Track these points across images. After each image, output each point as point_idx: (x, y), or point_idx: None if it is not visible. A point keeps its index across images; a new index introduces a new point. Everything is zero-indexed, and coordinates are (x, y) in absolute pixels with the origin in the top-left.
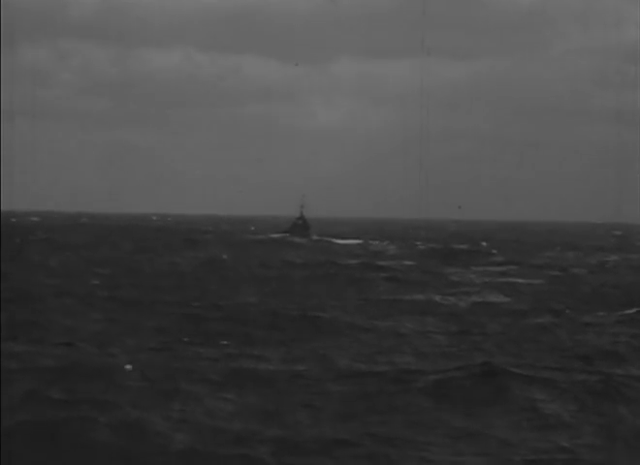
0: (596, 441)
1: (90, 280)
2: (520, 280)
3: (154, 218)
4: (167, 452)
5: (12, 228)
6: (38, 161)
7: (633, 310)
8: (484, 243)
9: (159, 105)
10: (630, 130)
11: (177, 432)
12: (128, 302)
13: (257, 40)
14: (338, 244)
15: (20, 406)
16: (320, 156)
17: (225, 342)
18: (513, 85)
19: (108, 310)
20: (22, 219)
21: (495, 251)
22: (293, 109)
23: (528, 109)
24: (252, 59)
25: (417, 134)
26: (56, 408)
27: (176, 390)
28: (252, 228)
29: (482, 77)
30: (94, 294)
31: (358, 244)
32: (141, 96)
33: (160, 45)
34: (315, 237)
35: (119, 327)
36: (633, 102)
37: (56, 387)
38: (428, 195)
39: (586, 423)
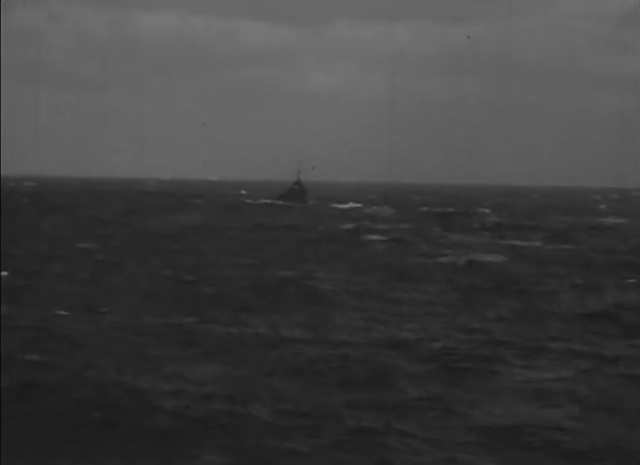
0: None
1: (78, 244)
2: (517, 242)
3: (150, 183)
4: (152, 414)
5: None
6: (30, 125)
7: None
8: (486, 210)
9: (152, 68)
10: (628, 94)
11: (164, 395)
12: (115, 266)
13: (251, 3)
14: (337, 208)
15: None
16: (315, 119)
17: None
18: (510, 49)
19: (95, 274)
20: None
21: (491, 214)
22: (288, 73)
23: (524, 73)
24: (247, 22)
25: (412, 98)
26: (37, 370)
27: (161, 356)
28: (243, 191)
29: (478, 40)
30: (80, 259)
31: (356, 208)
32: (133, 59)
33: (153, 8)
34: (312, 202)
35: (104, 292)
36: (632, 66)
37: (36, 350)
38: (423, 159)
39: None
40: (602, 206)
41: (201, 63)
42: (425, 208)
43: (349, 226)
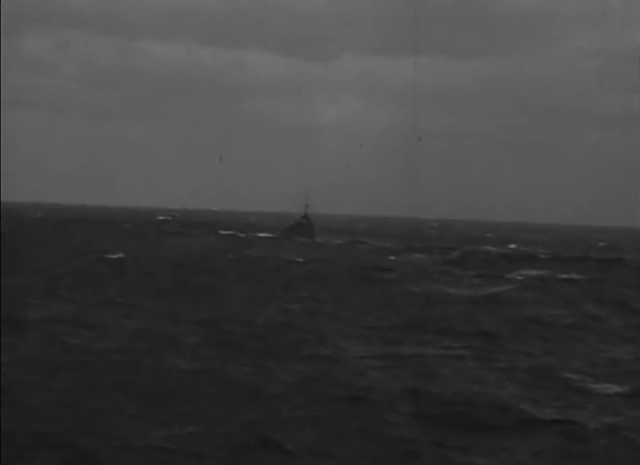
0: None
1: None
2: None
3: (166, 217)
4: None
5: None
6: (36, 152)
7: None
8: (512, 245)
9: (160, 97)
10: (635, 133)
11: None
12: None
13: (260, 34)
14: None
15: None
16: (322, 153)
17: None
18: (517, 85)
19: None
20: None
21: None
22: (295, 105)
23: (531, 110)
24: (255, 54)
25: (420, 132)
26: None
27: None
28: (251, 218)
29: (486, 76)
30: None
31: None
32: (142, 88)
33: (162, 37)
34: (320, 238)
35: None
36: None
37: None
38: (429, 195)
39: None
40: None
41: (208, 93)
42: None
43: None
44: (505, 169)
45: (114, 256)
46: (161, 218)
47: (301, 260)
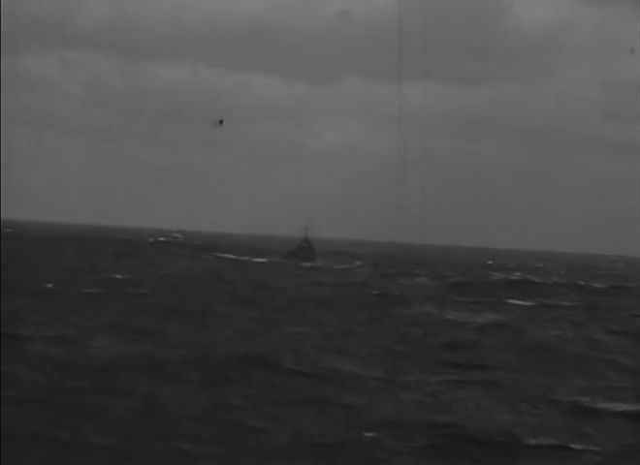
0: None
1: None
2: None
3: (162, 238)
4: None
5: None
6: (39, 171)
7: None
8: (517, 273)
9: (164, 119)
10: (634, 162)
11: None
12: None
13: (265, 57)
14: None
15: None
16: (325, 176)
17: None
18: (519, 113)
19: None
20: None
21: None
22: (299, 129)
23: (533, 137)
24: (260, 77)
25: (422, 157)
26: None
27: None
28: (253, 241)
29: (489, 103)
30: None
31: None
32: (146, 110)
33: (168, 58)
34: (320, 261)
35: None
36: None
37: None
38: (430, 220)
39: None
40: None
41: (212, 115)
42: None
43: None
44: (507, 195)
45: (115, 276)
46: (162, 239)
47: (303, 283)
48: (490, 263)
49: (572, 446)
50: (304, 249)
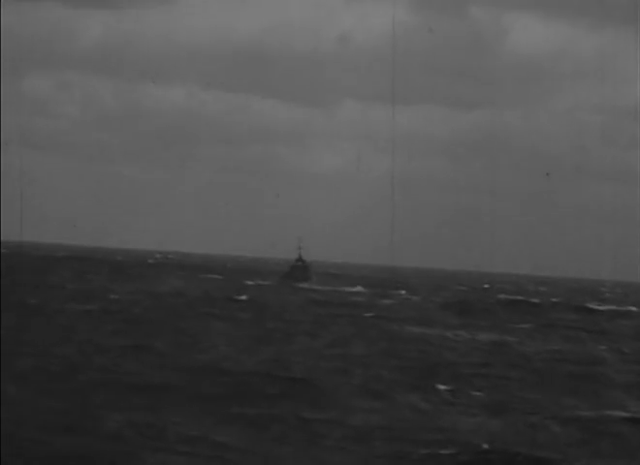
0: None
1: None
2: None
3: (158, 256)
4: None
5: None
6: (37, 192)
7: None
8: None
9: (161, 140)
10: (633, 189)
11: None
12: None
13: (262, 80)
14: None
15: None
16: (322, 200)
17: None
18: (515, 137)
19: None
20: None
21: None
22: (296, 152)
23: (529, 163)
24: (256, 99)
25: (419, 182)
26: None
27: None
28: (248, 263)
29: (485, 127)
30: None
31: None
32: (142, 131)
33: (164, 80)
34: (315, 279)
35: None
36: (638, 161)
37: None
38: (425, 244)
39: None
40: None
41: (209, 138)
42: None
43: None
44: (501, 220)
45: (111, 297)
46: (157, 259)
47: (298, 304)
48: (486, 286)
49: None
50: (299, 269)
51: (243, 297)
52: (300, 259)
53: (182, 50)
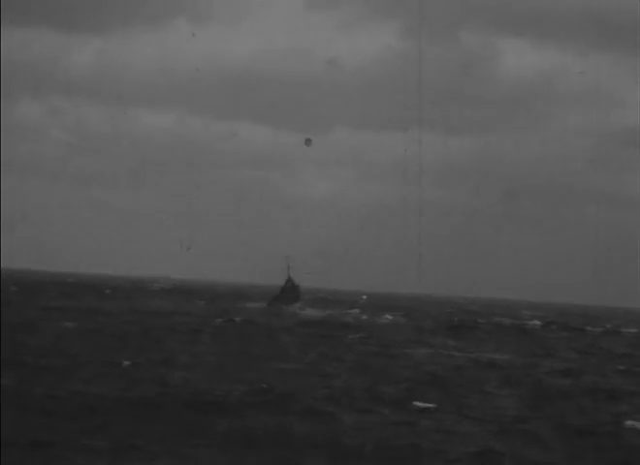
0: None
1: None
2: None
3: (155, 285)
4: None
5: None
6: (25, 218)
7: None
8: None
9: (150, 165)
10: (624, 213)
11: None
12: None
13: (252, 106)
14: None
15: None
16: (312, 226)
17: None
18: (507, 163)
19: None
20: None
21: None
22: (286, 178)
23: (521, 188)
24: (247, 125)
25: (410, 207)
26: None
27: None
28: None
29: (477, 152)
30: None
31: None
32: (133, 157)
33: (154, 106)
34: (309, 310)
35: None
36: (630, 185)
37: None
38: (419, 270)
39: None
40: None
41: (198, 163)
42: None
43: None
44: (495, 246)
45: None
46: (153, 286)
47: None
48: (475, 309)
49: None
50: (288, 289)
51: (227, 319)
52: (289, 279)
53: (172, 76)
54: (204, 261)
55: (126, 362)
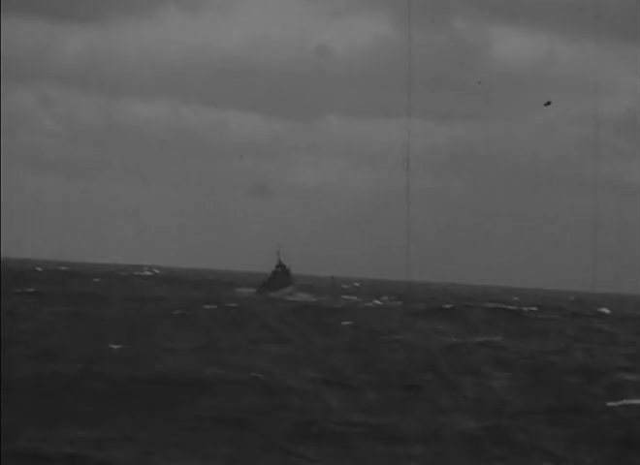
0: None
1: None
2: None
3: (148, 272)
4: None
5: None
6: (19, 209)
7: None
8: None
9: (143, 156)
10: (617, 200)
11: None
12: None
13: (243, 95)
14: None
15: None
16: (304, 215)
17: None
18: (499, 151)
19: None
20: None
21: None
22: (277, 166)
23: (516, 176)
24: (238, 114)
25: (401, 196)
26: None
27: None
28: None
29: (468, 140)
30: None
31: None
32: (124, 147)
33: (145, 96)
34: (300, 295)
35: None
36: (623, 172)
37: None
38: (411, 257)
39: None
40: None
41: (190, 152)
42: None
43: None
44: (489, 234)
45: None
46: (145, 273)
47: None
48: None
49: None
50: (279, 274)
51: (215, 306)
52: (280, 264)
53: (163, 65)
54: (195, 249)
55: (115, 346)
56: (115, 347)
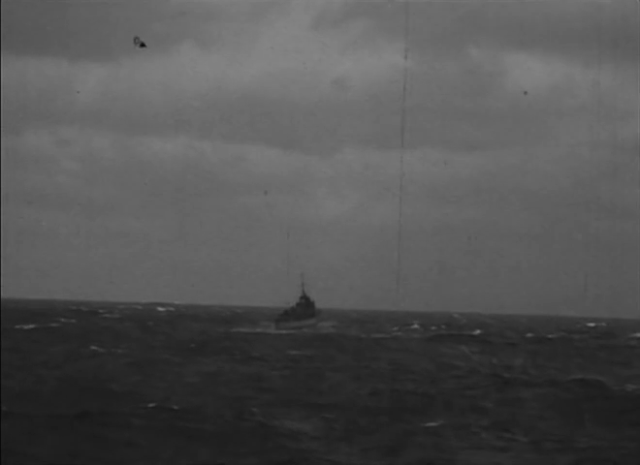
0: None
1: None
2: None
3: (160, 309)
4: None
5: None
6: (39, 248)
7: None
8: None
9: (161, 192)
10: (636, 225)
11: None
12: None
13: (260, 129)
14: None
15: None
16: (324, 248)
17: None
18: (518, 178)
19: None
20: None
21: None
22: (296, 200)
23: (534, 202)
24: (255, 148)
25: (421, 226)
26: None
27: None
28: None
29: (486, 169)
30: None
31: None
32: (142, 184)
33: (162, 132)
34: (327, 324)
35: None
36: None
37: None
38: (429, 288)
39: None
40: None
41: (209, 188)
42: None
43: None
44: (506, 261)
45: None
46: (160, 310)
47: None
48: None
49: None
50: (302, 305)
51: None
52: (303, 295)
53: (180, 101)
54: (213, 286)
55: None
56: None
